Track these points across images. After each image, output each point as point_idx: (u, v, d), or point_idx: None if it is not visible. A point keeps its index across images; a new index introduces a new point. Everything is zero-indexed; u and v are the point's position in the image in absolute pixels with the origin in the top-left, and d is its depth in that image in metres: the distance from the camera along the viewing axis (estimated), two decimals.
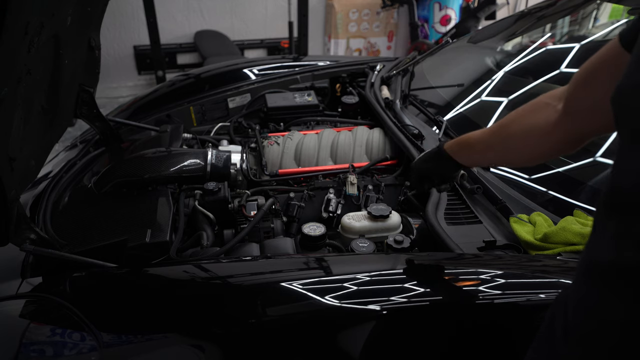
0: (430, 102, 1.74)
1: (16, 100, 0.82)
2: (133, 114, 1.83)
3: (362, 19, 4.59)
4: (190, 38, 4.30)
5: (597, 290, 0.49)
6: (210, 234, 1.18)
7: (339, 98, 1.95)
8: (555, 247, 0.98)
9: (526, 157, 0.94)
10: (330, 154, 1.56)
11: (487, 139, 0.95)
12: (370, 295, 0.84)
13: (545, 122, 0.83)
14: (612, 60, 0.69)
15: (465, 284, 0.88)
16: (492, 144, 0.94)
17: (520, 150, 0.90)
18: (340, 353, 0.81)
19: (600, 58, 0.72)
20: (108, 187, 1.25)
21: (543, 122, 0.83)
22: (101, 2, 1.15)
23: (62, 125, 1.17)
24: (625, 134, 0.48)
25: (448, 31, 4.19)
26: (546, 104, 0.84)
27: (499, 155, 0.96)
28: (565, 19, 1.79)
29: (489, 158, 1.03)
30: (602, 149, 1.18)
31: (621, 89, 0.48)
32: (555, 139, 0.83)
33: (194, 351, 0.79)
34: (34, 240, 0.94)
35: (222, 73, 2.07)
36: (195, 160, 1.32)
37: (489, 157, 1.00)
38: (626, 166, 0.47)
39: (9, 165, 0.84)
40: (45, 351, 0.78)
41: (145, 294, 0.91)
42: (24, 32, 0.77)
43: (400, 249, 1.09)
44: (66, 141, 1.87)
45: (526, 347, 0.64)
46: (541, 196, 1.19)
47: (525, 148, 0.88)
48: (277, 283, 0.88)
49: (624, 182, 0.47)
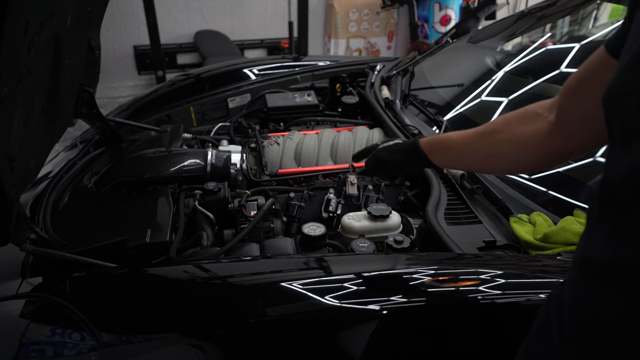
0: (430, 102, 1.74)
1: (16, 100, 0.82)
2: (133, 114, 1.83)
3: (362, 19, 4.59)
4: (190, 38, 4.30)
5: (592, 288, 0.49)
6: (210, 234, 1.18)
7: (339, 98, 1.95)
8: (555, 247, 0.98)
9: (507, 167, 0.91)
10: (330, 154, 1.56)
11: (469, 143, 0.92)
12: (370, 295, 0.84)
13: (537, 134, 0.80)
14: (599, 69, 0.68)
15: (465, 284, 0.88)
16: (475, 148, 0.91)
17: (504, 159, 0.87)
18: (340, 353, 0.81)
19: (588, 68, 0.71)
20: (108, 187, 1.25)
21: (534, 133, 0.81)
22: (101, 2, 1.15)
23: (62, 125, 1.17)
24: (616, 132, 0.49)
25: (448, 31, 4.19)
26: (537, 114, 0.82)
27: (479, 161, 0.93)
28: (565, 19, 1.79)
29: (466, 162, 1.00)
30: (602, 149, 1.18)
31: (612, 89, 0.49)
32: (544, 152, 0.80)
33: (194, 351, 0.79)
34: (34, 240, 0.94)
35: (222, 73, 2.07)
36: (195, 160, 1.32)
37: (466, 161, 0.97)
38: (617, 164, 0.47)
39: (9, 165, 0.84)
40: (45, 351, 0.79)
41: (145, 294, 0.91)
42: (24, 32, 0.77)
43: (400, 249, 1.09)
44: (66, 141, 1.87)
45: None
46: (541, 196, 1.19)
47: (511, 157, 0.86)
48: (277, 283, 0.88)
49: (615, 180, 0.47)
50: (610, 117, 0.49)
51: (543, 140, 0.80)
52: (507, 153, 0.86)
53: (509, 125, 0.85)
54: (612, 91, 0.49)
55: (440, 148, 0.97)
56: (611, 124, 0.50)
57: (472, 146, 0.91)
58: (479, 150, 0.90)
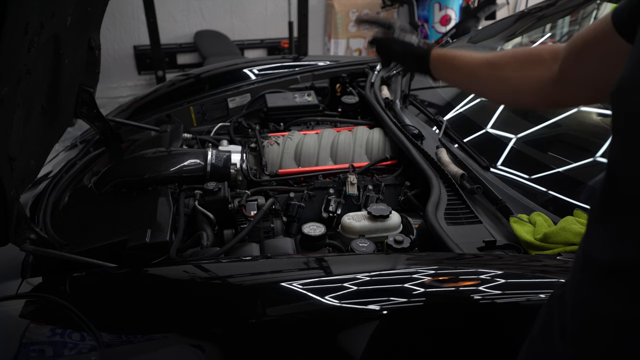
0: (430, 102, 1.74)
1: (16, 100, 0.82)
2: (133, 114, 1.83)
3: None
4: (190, 38, 4.30)
5: (594, 288, 0.49)
6: (210, 234, 1.18)
7: (339, 98, 1.95)
8: (555, 247, 0.98)
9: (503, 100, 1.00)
10: (330, 154, 1.56)
11: (475, 70, 0.97)
12: (370, 295, 0.84)
13: (538, 80, 0.84)
14: (602, 40, 0.69)
15: (465, 284, 0.88)
16: (479, 76, 0.97)
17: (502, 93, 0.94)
18: (340, 353, 0.81)
19: (592, 34, 0.72)
20: (108, 187, 1.25)
21: (536, 79, 0.85)
22: (101, 2, 1.15)
23: (62, 125, 1.17)
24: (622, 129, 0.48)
25: (448, 31, 4.18)
26: (544, 59, 0.85)
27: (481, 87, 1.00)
28: (565, 19, 1.79)
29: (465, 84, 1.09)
30: (602, 149, 1.18)
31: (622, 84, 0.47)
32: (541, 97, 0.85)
33: (194, 351, 0.79)
34: (34, 240, 0.94)
35: (222, 73, 2.07)
36: (195, 160, 1.32)
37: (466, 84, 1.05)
38: (622, 162, 0.46)
39: (9, 165, 0.84)
40: (45, 351, 0.79)
41: (145, 294, 0.91)
42: (24, 32, 0.77)
43: (400, 249, 1.09)
44: (66, 141, 1.87)
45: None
46: (541, 196, 1.19)
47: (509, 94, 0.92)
48: (277, 283, 0.88)
49: (619, 180, 0.46)
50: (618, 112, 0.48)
51: (543, 88, 0.84)
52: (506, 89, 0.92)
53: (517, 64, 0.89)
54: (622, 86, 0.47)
55: (447, 65, 1.04)
56: (617, 118, 0.48)
57: (476, 73, 0.97)
58: (482, 79, 0.96)
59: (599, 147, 1.18)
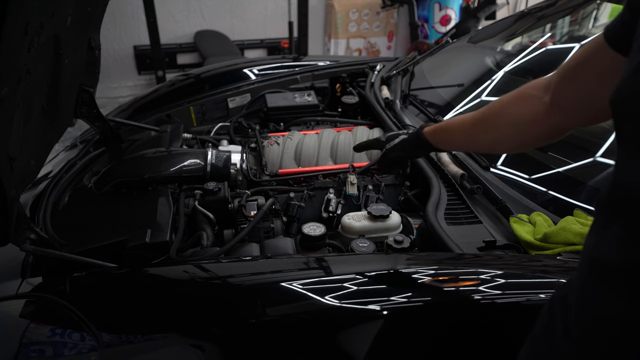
0: (430, 102, 1.74)
1: (16, 100, 0.82)
2: (133, 114, 1.83)
3: (362, 19, 4.59)
4: (190, 38, 4.30)
5: (600, 289, 0.49)
6: (210, 234, 1.18)
7: (339, 98, 1.95)
8: (555, 247, 0.98)
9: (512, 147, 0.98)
10: (330, 154, 1.56)
11: (470, 130, 0.97)
12: (370, 295, 0.84)
13: (533, 115, 0.84)
14: (596, 57, 0.69)
15: (465, 284, 0.88)
16: (477, 134, 0.96)
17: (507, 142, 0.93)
18: (340, 353, 0.81)
19: (585, 54, 0.72)
20: (108, 187, 1.25)
21: (531, 114, 0.84)
22: (101, 2, 1.15)
23: (62, 125, 1.17)
24: (625, 134, 0.48)
25: (448, 31, 4.19)
26: (532, 95, 0.84)
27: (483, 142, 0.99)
28: (565, 19, 1.79)
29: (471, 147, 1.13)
30: (602, 149, 1.18)
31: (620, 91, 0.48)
32: (542, 130, 0.84)
33: (194, 351, 0.79)
34: (34, 240, 0.94)
35: (222, 73, 2.07)
36: (195, 160, 1.32)
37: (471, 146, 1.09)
38: (630, 167, 0.46)
39: (9, 165, 0.84)
40: (45, 351, 0.78)
41: (145, 294, 0.91)
42: (24, 32, 0.77)
43: (400, 249, 1.09)
44: (66, 141, 1.87)
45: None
46: (541, 196, 1.19)
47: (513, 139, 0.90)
48: (277, 283, 0.88)
49: (628, 183, 0.46)
50: (620, 119, 0.49)
51: (542, 120, 0.83)
52: (508, 135, 0.90)
53: (506, 109, 0.89)
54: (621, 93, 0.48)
55: (443, 136, 1.05)
56: (621, 126, 0.49)
57: (473, 132, 0.96)
58: (481, 136, 0.96)
59: (599, 147, 1.18)
